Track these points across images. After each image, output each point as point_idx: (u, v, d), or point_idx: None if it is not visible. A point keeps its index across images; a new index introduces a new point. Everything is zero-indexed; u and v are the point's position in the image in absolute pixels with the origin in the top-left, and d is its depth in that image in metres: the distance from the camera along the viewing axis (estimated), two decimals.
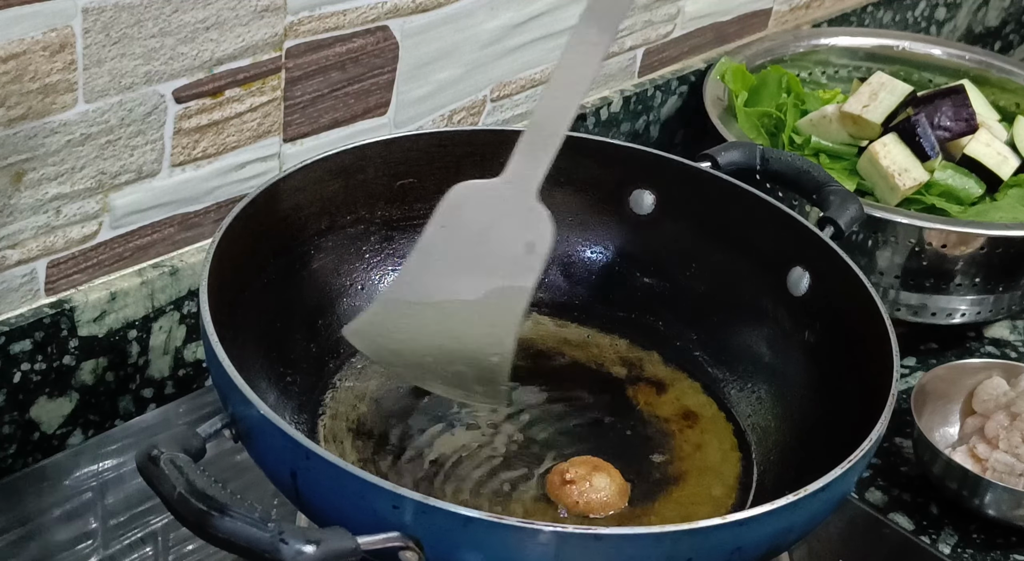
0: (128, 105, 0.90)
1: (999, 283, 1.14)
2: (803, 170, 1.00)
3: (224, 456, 0.89)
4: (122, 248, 0.95)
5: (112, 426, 0.98)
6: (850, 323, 0.87)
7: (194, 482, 0.65)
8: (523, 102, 1.19)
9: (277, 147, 1.01)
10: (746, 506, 0.85)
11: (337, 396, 0.89)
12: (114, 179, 0.92)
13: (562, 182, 0.98)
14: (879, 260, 1.13)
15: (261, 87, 0.97)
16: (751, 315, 0.95)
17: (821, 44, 1.40)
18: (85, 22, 0.84)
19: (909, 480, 1.03)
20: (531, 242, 0.81)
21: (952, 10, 1.66)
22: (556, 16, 1.17)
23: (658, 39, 1.29)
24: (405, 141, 0.95)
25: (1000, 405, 1.03)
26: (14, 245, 0.89)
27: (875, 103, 1.23)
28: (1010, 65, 1.40)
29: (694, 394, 0.94)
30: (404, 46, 1.05)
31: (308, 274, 0.91)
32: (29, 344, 0.90)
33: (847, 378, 0.86)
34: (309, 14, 0.97)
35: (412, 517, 0.65)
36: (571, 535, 0.66)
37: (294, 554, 0.62)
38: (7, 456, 0.93)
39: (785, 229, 0.93)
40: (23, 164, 0.86)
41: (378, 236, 0.96)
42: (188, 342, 1.00)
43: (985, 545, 0.98)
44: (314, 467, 0.68)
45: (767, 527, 0.70)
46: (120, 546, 0.88)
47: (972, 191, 1.20)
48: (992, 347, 1.20)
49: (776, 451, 0.89)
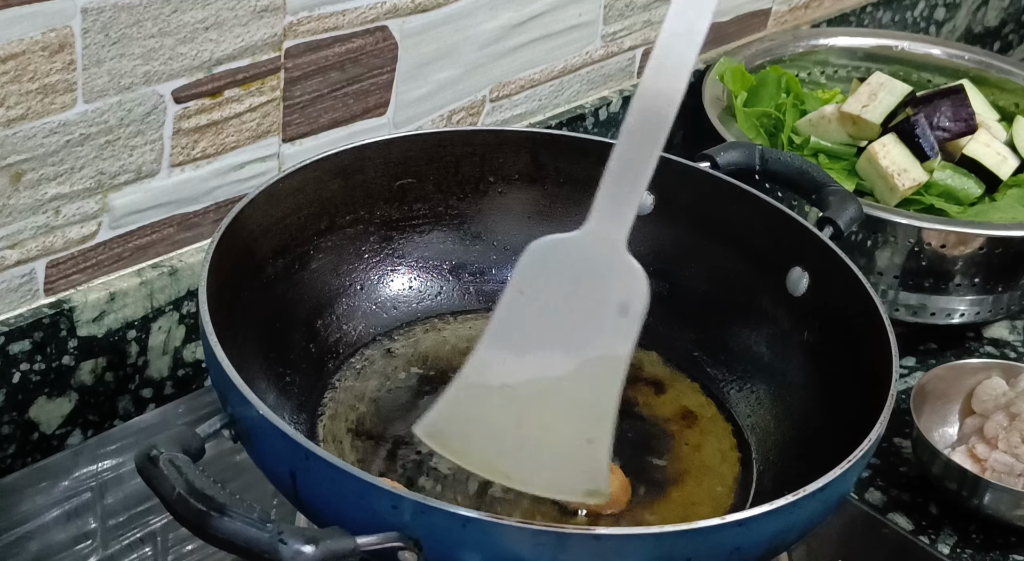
0: (127, 105, 0.90)
1: (998, 283, 1.14)
2: (802, 170, 1.00)
3: (223, 456, 0.89)
4: (121, 248, 0.95)
5: (111, 426, 0.98)
6: (849, 323, 0.87)
7: (193, 482, 0.65)
8: (522, 102, 1.19)
9: (276, 147, 1.01)
10: (745, 506, 0.85)
11: (336, 396, 0.89)
12: (113, 179, 0.92)
13: (561, 182, 0.99)
14: (878, 260, 1.13)
15: (260, 87, 0.97)
16: (750, 315, 0.95)
17: (820, 44, 1.40)
18: (84, 22, 0.84)
19: (908, 480, 1.03)
20: (624, 303, 0.71)
21: (951, 10, 1.66)
22: (556, 16, 1.17)
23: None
24: (404, 141, 0.95)
25: (999, 405, 1.03)
26: (13, 245, 0.89)
27: (874, 103, 1.23)
28: (1009, 65, 1.40)
29: (693, 394, 0.94)
30: (403, 46, 1.05)
31: (307, 274, 0.91)
32: (28, 344, 0.90)
33: (846, 378, 0.86)
34: (308, 14, 0.97)
35: (411, 517, 0.65)
36: (570, 535, 0.66)
37: (293, 554, 0.62)
38: (6, 456, 0.93)
39: (784, 229, 0.93)
40: (22, 164, 0.86)
41: (377, 236, 0.96)
42: (187, 342, 1.00)
43: (984, 545, 0.98)
44: (313, 467, 0.68)
45: (766, 527, 0.70)
46: (119, 546, 0.88)
47: (971, 191, 1.20)
48: (991, 347, 1.20)
49: (775, 451, 0.89)
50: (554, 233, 0.72)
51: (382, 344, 0.94)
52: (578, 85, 1.24)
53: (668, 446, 0.90)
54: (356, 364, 0.92)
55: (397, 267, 0.96)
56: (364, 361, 0.92)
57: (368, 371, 0.92)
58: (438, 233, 0.98)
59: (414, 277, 0.97)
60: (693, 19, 0.68)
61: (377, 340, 0.94)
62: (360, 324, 0.94)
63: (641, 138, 0.69)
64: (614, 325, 0.71)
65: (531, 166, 0.98)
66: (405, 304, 0.97)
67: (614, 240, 0.70)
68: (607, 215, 0.70)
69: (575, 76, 1.23)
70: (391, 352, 0.93)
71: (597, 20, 1.21)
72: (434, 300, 0.97)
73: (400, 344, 0.94)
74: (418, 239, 0.97)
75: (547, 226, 0.99)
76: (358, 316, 0.94)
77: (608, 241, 0.70)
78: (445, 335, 0.96)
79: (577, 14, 1.19)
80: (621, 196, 0.70)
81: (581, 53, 1.22)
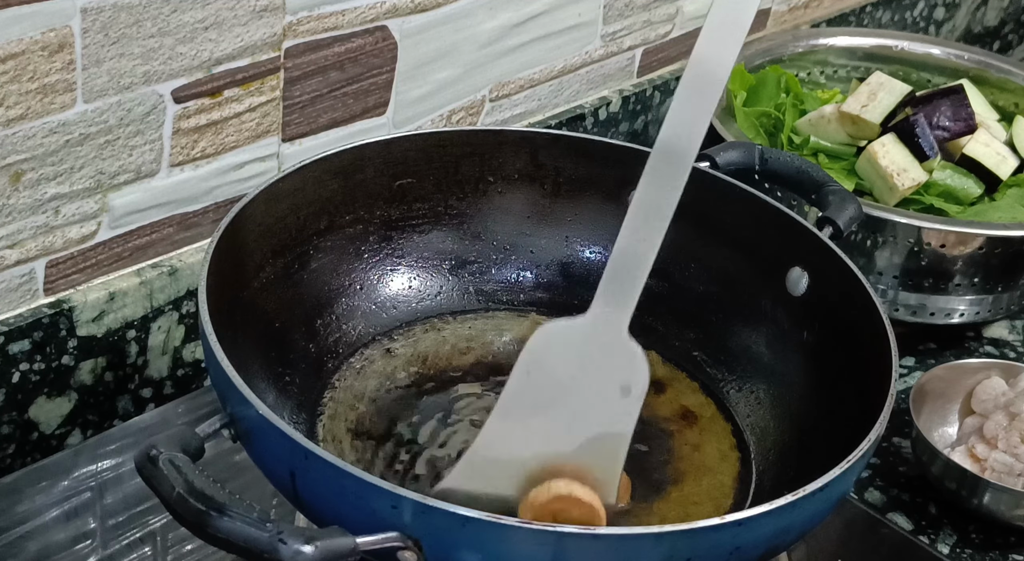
0: (127, 105, 0.90)
1: (998, 283, 1.14)
2: (802, 170, 1.00)
3: (223, 456, 0.89)
4: (121, 248, 0.95)
5: (111, 426, 0.98)
6: (849, 323, 0.87)
7: (193, 482, 0.65)
8: (522, 102, 1.19)
9: (276, 147, 1.01)
10: (745, 506, 0.85)
11: (336, 396, 0.89)
12: (113, 179, 0.92)
13: (561, 182, 0.99)
14: (878, 260, 1.13)
15: (260, 87, 0.97)
16: (750, 315, 0.95)
17: (820, 44, 1.40)
18: (84, 22, 0.84)
19: (908, 480, 1.03)
20: (626, 384, 0.75)
21: (951, 10, 1.66)
22: (555, 16, 1.17)
23: (657, 39, 1.29)
24: (404, 141, 0.95)
25: (999, 405, 1.03)
26: (13, 245, 0.89)
27: (874, 103, 1.23)
28: (1009, 65, 1.40)
29: (693, 394, 0.94)
30: (403, 46, 1.05)
31: (307, 274, 0.91)
32: (28, 344, 0.90)
33: (846, 378, 0.86)
34: (308, 14, 0.97)
35: (411, 517, 0.65)
36: (570, 535, 0.66)
37: (293, 554, 0.62)
38: (6, 456, 0.93)
39: (784, 229, 0.93)
40: (22, 164, 0.86)
41: (377, 236, 0.96)
42: (187, 342, 1.00)
43: (984, 545, 0.98)
44: (313, 467, 0.68)
45: (766, 527, 0.70)
46: (119, 546, 0.88)
47: (971, 191, 1.20)
48: (991, 347, 1.20)
49: (775, 451, 0.89)
50: (553, 234, 0.74)
51: (382, 344, 0.94)
52: (578, 85, 1.24)
53: (668, 446, 0.90)
54: (356, 364, 0.92)
55: (397, 267, 0.96)
56: (364, 361, 0.92)
57: (368, 371, 0.92)
58: (438, 233, 0.98)
59: (414, 277, 0.97)
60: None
61: (377, 340, 0.94)
62: (360, 324, 0.94)
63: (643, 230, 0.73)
64: (616, 405, 0.75)
65: (531, 166, 0.98)
66: (405, 304, 0.97)
67: (617, 325, 0.74)
68: (610, 302, 0.74)
69: (575, 76, 1.23)
70: (391, 352, 0.93)
71: (597, 20, 1.21)
72: (434, 300, 0.97)
73: (400, 344, 0.94)
74: (418, 239, 0.97)
75: (547, 226, 0.99)
76: (358, 316, 0.94)
77: (611, 326, 0.74)
78: (445, 335, 0.96)
79: (577, 14, 1.19)
80: (623, 285, 0.73)
81: (581, 53, 1.22)
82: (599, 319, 0.74)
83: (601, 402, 0.75)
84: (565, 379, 0.75)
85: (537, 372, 0.75)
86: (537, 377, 0.75)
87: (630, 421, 0.76)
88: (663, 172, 0.72)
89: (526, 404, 0.75)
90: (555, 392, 0.75)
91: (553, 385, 0.75)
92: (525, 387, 0.75)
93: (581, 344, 0.74)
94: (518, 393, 0.75)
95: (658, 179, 0.72)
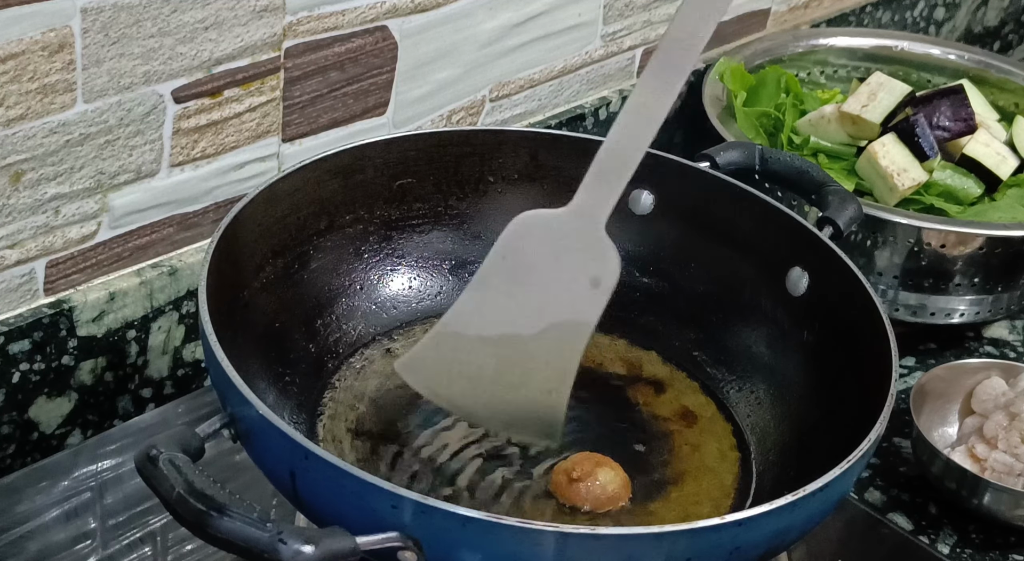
0: (127, 105, 0.90)
1: (998, 283, 1.14)
2: (802, 170, 1.00)
3: (223, 456, 0.89)
4: (121, 248, 0.95)
5: (111, 426, 0.98)
6: (849, 323, 0.87)
7: (193, 482, 0.65)
8: (522, 102, 1.19)
9: (276, 147, 1.01)
10: (745, 506, 0.85)
11: (336, 396, 0.89)
12: (113, 179, 0.92)
13: (561, 182, 0.98)
14: (878, 260, 1.13)
15: (260, 87, 0.97)
16: (750, 315, 0.95)
17: (820, 44, 1.40)
18: (84, 22, 0.84)
19: (908, 480, 1.03)
20: (596, 277, 0.78)
21: (951, 10, 1.66)
22: (555, 16, 1.17)
23: (657, 39, 1.29)
24: (404, 141, 0.95)
25: (999, 405, 1.03)
26: (13, 245, 0.89)
27: (874, 103, 1.23)
28: (1009, 65, 1.40)
29: (693, 394, 0.94)
30: (403, 46, 1.05)
31: (307, 274, 0.92)
32: (28, 344, 0.90)
33: (846, 378, 0.86)
34: (308, 14, 0.97)
35: (411, 517, 0.65)
36: (570, 535, 0.66)
37: (293, 554, 0.62)
38: (6, 456, 0.93)
39: (784, 229, 0.93)
40: (22, 164, 0.86)
41: (377, 236, 0.96)
42: (187, 342, 1.00)
43: (984, 545, 0.98)
44: (313, 467, 0.68)
45: (766, 527, 0.70)
46: (119, 546, 0.88)
47: (971, 191, 1.20)
48: (991, 347, 1.20)
49: (775, 451, 0.89)
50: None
51: (382, 344, 0.94)
52: (578, 85, 1.24)
53: (668, 446, 0.90)
54: (356, 364, 0.92)
55: (397, 267, 0.96)
56: (364, 361, 0.92)
57: (368, 371, 0.92)
58: (438, 233, 0.98)
59: (414, 277, 0.97)
60: None
61: (377, 340, 0.94)
62: (360, 324, 0.94)
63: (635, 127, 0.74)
64: (585, 295, 0.78)
65: (531, 166, 0.98)
66: (405, 304, 0.97)
67: (596, 219, 0.77)
68: (591, 197, 0.76)
69: (575, 76, 1.23)
70: (391, 352, 0.93)
71: (597, 20, 1.21)
72: (434, 300, 0.97)
73: (400, 344, 0.94)
74: (418, 239, 0.97)
75: None
76: (358, 316, 0.94)
77: (590, 219, 0.76)
78: None
79: (577, 14, 1.19)
80: (606, 181, 0.76)
81: (581, 53, 1.22)
82: (578, 211, 0.76)
83: (571, 291, 0.78)
84: (539, 265, 0.78)
85: (512, 257, 0.78)
86: (512, 261, 0.78)
87: (596, 312, 0.78)
88: (662, 74, 0.74)
89: (499, 286, 0.78)
90: (528, 276, 0.78)
91: (527, 270, 0.78)
92: (500, 269, 0.78)
93: (558, 234, 0.77)
94: (492, 274, 0.78)
95: (657, 80, 0.74)
